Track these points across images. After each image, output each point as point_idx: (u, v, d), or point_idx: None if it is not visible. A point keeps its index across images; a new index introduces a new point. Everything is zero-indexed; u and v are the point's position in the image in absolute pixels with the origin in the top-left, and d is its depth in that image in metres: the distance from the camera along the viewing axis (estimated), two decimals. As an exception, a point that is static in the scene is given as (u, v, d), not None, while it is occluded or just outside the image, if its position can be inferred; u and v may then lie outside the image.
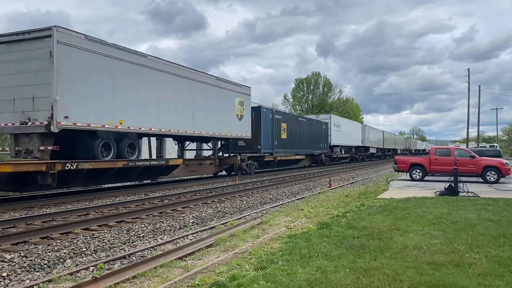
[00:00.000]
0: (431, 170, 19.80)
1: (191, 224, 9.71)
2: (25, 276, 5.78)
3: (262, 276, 5.07)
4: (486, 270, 5.23)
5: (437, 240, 6.89)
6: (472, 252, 6.15)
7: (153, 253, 6.78)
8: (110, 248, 7.40)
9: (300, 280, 4.88)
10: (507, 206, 10.72)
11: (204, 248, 6.87)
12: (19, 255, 6.65)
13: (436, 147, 21.63)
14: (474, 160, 19.00)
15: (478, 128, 54.39)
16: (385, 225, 8.16)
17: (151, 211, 10.88)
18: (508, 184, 18.28)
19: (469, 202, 11.37)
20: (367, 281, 4.83)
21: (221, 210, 11.64)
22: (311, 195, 14.95)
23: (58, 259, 6.59)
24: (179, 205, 12.05)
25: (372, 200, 12.31)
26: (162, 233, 8.67)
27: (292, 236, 7.45)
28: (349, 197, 13.60)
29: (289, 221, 9.37)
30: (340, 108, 73.60)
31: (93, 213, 10.59)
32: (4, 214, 10.51)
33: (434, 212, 9.71)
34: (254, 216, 10.49)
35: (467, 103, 52.31)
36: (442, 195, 13.32)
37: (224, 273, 5.35)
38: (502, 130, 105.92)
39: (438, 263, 5.55)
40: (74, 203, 12.59)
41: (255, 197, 14.65)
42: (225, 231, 8.27)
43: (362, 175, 27.14)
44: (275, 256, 6.02)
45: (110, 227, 9.04)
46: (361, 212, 9.89)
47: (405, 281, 4.83)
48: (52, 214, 10.10)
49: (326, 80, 74.20)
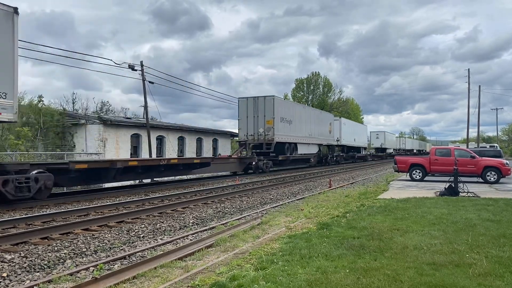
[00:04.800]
0: (431, 170, 19.80)
1: (191, 224, 9.71)
2: (25, 276, 5.78)
3: (262, 276, 5.07)
4: (486, 271, 5.23)
5: (437, 240, 6.89)
6: (472, 252, 6.14)
7: (153, 253, 6.78)
8: (110, 248, 7.40)
9: (300, 281, 4.88)
10: (507, 206, 10.72)
11: (204, 249, 6.87)
12: (19, 255, 6.65)
13: (436, 147, 21.63)
14: (474, 160, 19.00)
15: (478, 128, 54.46)
16: (385, 225, 8.16)
17: (151, 211, 10.88)
18: (508, 184, 18.28)
19: (469, 202, 11.37)
20: (367, 282, 4.83)
21: (221, 210, 11.64)
22: (311, 195, 14.95)
23: (58, 259, 6.59)
24: (179, 205, 12.05)
25: (372, 201, 12.31)
26: (162, 234, 8.67)
27: (292, 236, 7.45)
28: (349, 198, 13.60)
29: (289, 221, 9.37)
30: (340, 109, 73.61)
31: (93, 214, 10.60)
32: (4, 214, 10.52)
33: (434, 212, 9.71)
34: (254, 216, 10.49)
35: (467, 104, 52.37)
36: (442, 195, 13.31)
37: (224, 274, 5.35)
38: (502, 130, 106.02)
39: (438, 264, 5.55)
40: (74, 204, 12.59)
41: (255, 197, 14.65)
42: (225, 231, 8.26)
43: (362, 175, 27.15)
44: (275, 257, 6.01)
45: (110, 227, 9.04)
46: (361, 213, 9.89)
47: (405, 282, 4.83)
48: (52, 214, 10.10)
49: (326, 80, 74.29)
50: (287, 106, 30.82)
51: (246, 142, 27.87)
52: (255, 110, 27.70)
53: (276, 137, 27.49)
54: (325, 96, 73.58)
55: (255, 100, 27.82)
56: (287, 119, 29.62)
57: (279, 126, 28.07)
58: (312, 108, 39.85)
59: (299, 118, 32.17)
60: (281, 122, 28.52)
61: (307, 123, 33.90)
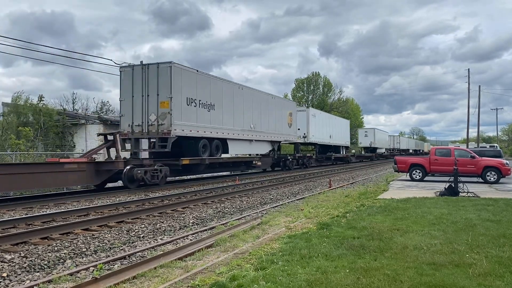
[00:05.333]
0: (431, 170, 19.80)
1: (191, 224, 9.71)
2: (25, 276, 5.78)
3: (262, 276, 5.07)
4: (486, 271, 5.23)
5: (437, 240, 6.89)
6: (472, 252, 6.14)
7: (153, 253, 6.78)
8: (110, 248, 7.39)
9: (300, 281, 4.87)
10: (507, 206, 10.71)
11: (204, 249, 6.87)
12: (19, 255, 6.64)
13: (436, 147, 21.63)
14: (474, 160, 19.00)
15: (478, 128, 54.53)
16: (385, 225, 8.16)
17: (151, 211, 10.88)
18: (508, 184, 18.28)
19: (469, 203, 11.36)
20: (367, 282, 4.83)
21: (221, 210, 11.64)
22: (311, 195, 14.95)
23: (58, 259, 6.59)
24: (179, 205, 12.04)
25: (372, 201, 12.31)
26: (162, 234, 8.67)
27: (292, 236, 7.45)
28: (349, 198, 13.59)
29: (289, 221, 9.37)
30: (340, 109, 73.63)
31: (93, 214, 10.59)
32: (4, 214, 10.51)
33: (434, 212, 9.71)
34: (254, 216, 10.49)
35: (467, 104, 52.40)
36: (442, 196, 13.31)
37: (224, 274, 5.35)
38: (502, 130, 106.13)
39: (438, 264, 5.55)
40: (74, 204, 12.58)
41: (255, 197, 14.65)
42: (225, 231, 8.26)
43: (362, 175, 27.16)
44: (275, 257, 6.01)
45: (110, 227, 9.04)
46: (361, 213, 9.89)
47: (405, 282, 4.83)
48: (52, 214, 10.10)
49: (326, 80, 74.36)
50: (202, 82, 19.28)
51: (131, 137, 17.77)
52: (144, 85, 17.35)
53: (176, 128, 17.15)
54: (325, 96, 73.62)
55: (144, 69, 17.37)
56: (203, 102, 19.17)
57: (183, 112, 17.70)
58: (257, 90, 25.85)
59: (230, 103, 21.75)
60: (188, 106, 18.06)
61: (247, 111, 23.46)
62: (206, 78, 19.86)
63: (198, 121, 18.89)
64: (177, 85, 17.26)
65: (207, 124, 19.60)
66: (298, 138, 32.12)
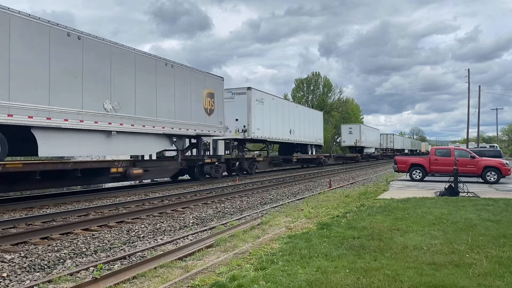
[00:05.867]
0: (431, 170, 19.79)
1: (191, 224, 9.71)
2: (25, 276, 5.78)
3: (262, 276, 5.07)
4: (486, 271, 5.23)
5: (437, 240, 6.88)
6: (472, 252, 6.14)
7: (153, 253, 6.78)
8: (110, 248, 7.39)
9: (300, 281, 4.87)
10: (507, 206, 10.71)
11: (204, 249, 6.87)
12: (19, 255, 6.65)
13: (436, 148, 21.63)
14: (474, 160, 18.99)
15: (478, 128, 54.51)
16: (385, 225, 8.15)
17: (151, 211, 10.88)
18: (508, 184, 18.27)
19: (469, 203, 11.36)
20: (367, 282, 4.83)
21: (221, 211, 11.64)
22: (311, 195, 14.95)
23: (58, 259, 6.59)
24: (179, 205, 12.05)
25: (372, 201, 12.31)
26: (162, 234, 8.67)
27: (292, 236, 7.45)
28: (349, 198, 13.59)
29: (289, 221, 9.37)
30: (340, 109, 73.65)
31: (93, 214, 10.59)
32: (4, 214, 10.51)
33: (434, 212, 9.71)
34: (254, 216, 10.49)
35: (467, 104, 52.42)
36: (442, 196, 13.31)
37: (224, 274, 5.35)
38: (502, 130, 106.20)
39: (438, 264, 5.55)
40: (74, 204, 12.59)
41: (255, 197, 14.65)
42: (225, 231, 8.26)
43: (362, 175, 27.16)
44: (275, 257, 6.01)
45: (110, 227, 9.04)
46: (361, 213, 9.89)
47: (405, 282, 4.82)
48: (52, 214, 10.10)
49: (326, 80, 74.38)
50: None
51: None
52: None
53: None
54: (325, 96, 73.63)
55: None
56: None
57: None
58: (143, 54, 15.89)
59: (67, 68, 12.49)
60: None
61: (96, 76, 13.54)
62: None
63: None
64: None
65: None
66: (236, 133, 23.93)
